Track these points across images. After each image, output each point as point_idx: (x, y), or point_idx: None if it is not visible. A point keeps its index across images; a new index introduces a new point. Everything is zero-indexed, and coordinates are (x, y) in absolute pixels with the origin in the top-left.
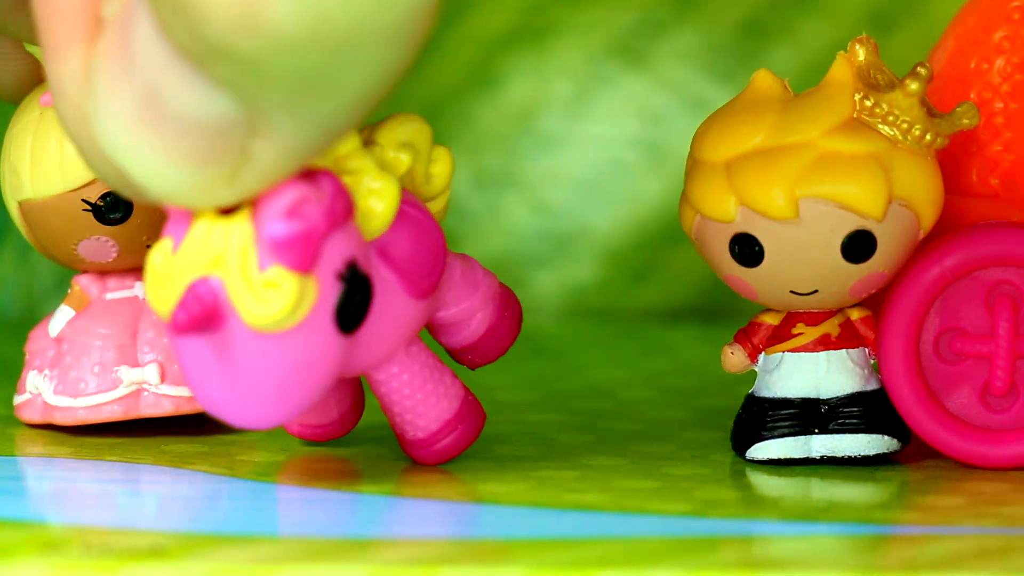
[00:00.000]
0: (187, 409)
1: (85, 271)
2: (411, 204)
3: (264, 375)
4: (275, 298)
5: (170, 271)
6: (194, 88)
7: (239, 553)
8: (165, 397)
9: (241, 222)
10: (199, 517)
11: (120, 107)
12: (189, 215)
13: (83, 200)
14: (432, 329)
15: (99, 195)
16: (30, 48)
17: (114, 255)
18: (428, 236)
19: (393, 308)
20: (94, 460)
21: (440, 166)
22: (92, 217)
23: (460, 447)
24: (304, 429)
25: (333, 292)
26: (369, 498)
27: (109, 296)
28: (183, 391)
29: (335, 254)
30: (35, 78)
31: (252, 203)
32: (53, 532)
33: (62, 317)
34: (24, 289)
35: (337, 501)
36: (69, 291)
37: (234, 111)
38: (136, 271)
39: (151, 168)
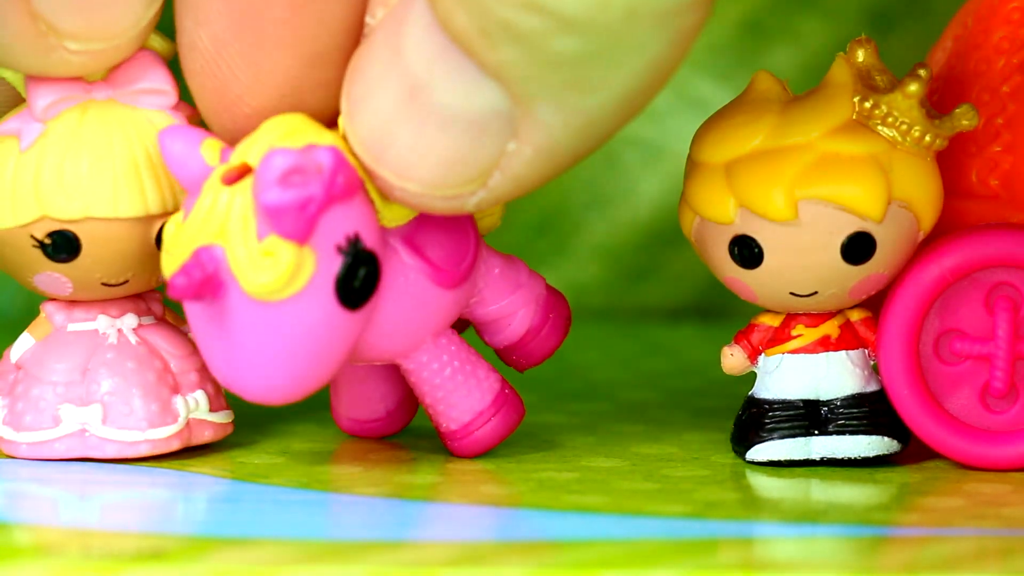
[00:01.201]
0: (129, 454)
1: (53, 298)
2: None
3: (263, 345)
4: (271, 266)
5: (180, 239)
6: (464, 79)
7: (239, 555)
8: (107, 441)
9: (244, 191)
10: (199, 520)
11: (382, 101)
12: (201, 189)
13: (32, 236)
14: (476, 328)
15: (46, 233)
16: (3, 72)
17: (69, 290)
18: (456, 227)
19: (417, 296)
20: (95, 463)
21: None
22: (42, 253)
23: (494, 439)
24: (353, 424)
25: (333, 265)
26: (369, 501)
27: (72, 327)
28: (126, 435)
29: (336, 227)
30: (12, 103)
31: (255, 172)
32: (54, 535)
33: (22, 344)
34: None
35: (337, 504)
36: (37, 317)
37: (502, 103)
38: (103, 303)
39: (405, 164)
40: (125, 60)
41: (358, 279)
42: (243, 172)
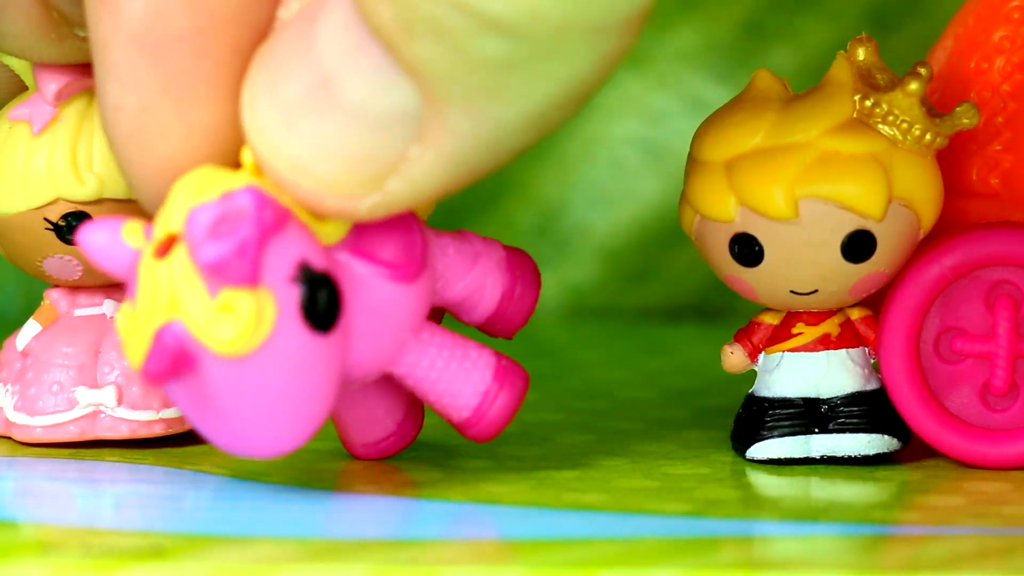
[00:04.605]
0: (143, 433)
1: (56, 286)
2: None
3: (255, 400)
4: (233, 319)
5: (135, 328)
6: (379, 74)
7: (239, 553)
8: (122, 421)
9: (180, 257)
10: (199, 517)
11: (288, 91)
12: (137, 273)
13: (45, 219)
14: (451, 312)
15: (60, 215)
16: (7, 59)
17: (79, 274)
18: (396, 221)
19: (384, 301)
20: (95, 461)
21: None
22: (55, 236)
23: (510, 412)
24: (368, 449)
25: (292, 297)
26: (368, 498)
27: (78, 312)
28: (141, 415)
29: (281, 260)
30: (15, 90)
31: (183, 236)
32: (53, 532)
33: (29, 331)
34: (24, 289)
35: (336, 501)
36: (40, 304)
37: (412, 102)
38: (107, 288)
39: (303, 158)
40: None
41: (321, 301)
42: (171, 241)
